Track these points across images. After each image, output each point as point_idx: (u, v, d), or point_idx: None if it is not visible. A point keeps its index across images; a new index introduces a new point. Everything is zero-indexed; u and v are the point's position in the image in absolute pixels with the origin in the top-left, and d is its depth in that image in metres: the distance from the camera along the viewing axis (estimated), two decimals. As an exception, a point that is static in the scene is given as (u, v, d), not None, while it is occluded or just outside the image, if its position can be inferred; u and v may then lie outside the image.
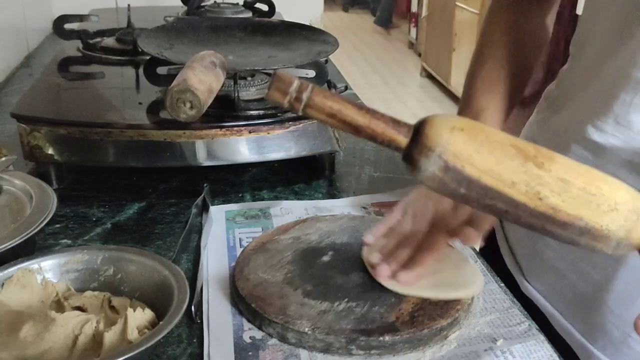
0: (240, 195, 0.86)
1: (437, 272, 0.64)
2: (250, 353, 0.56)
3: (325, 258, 0.67)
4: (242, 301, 0.61)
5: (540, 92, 0.81)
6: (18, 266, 0.60)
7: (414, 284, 0.62)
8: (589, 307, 0.67)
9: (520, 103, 0.83)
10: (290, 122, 0.85)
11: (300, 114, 0.46)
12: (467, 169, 0.44)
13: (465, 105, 0.74)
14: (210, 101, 0.74)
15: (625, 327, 0.66)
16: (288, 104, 0.46)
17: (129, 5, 1.34)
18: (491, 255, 0.81)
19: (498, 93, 0.73)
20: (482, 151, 0.44)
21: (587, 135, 0.66)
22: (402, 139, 0.46)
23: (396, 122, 0.46)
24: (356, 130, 0.47)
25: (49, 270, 0.62)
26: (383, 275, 0.63)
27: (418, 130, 0.45)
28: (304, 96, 0.46)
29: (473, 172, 0.44)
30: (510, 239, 0.81)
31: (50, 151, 0.82)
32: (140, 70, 0.93)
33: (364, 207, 0.82)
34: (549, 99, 0.78)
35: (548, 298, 0.72)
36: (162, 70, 0.89)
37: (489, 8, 0.81)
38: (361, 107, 0.47)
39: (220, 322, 0.60)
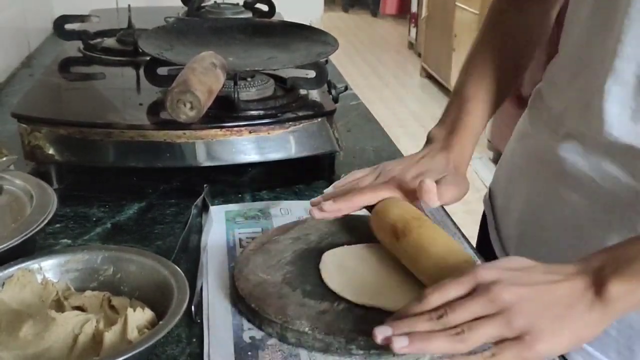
0: (240, 195, 0.86)
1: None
2: (249, 353, 0.56)
3: (325, 258, 0.67)
4: (241, 301, 0.61)
5: (539, 92, 0.82)
6: (18, 266, 0.61)
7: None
8: None
9: (518, 103, 0.84)
10: (290, 122, 0.85)
11: None
12: None
13: (455, 93, 0.80)
14: (210, 102, 0.75)
15: (627, 329, 0.66)
16: None
17: (129, 5, 1.34)
18: (490, 253, 0.81)
19: (486, 85, 0.78)
20: None
21: (574, 127, 0.67)
22: None
23: None
24: None
25: (49, 270, 0.62)
26: (312, 203, 0.68)
27: None
28: None
29: None
30: (503, 237, 0.81)
31: (50, 151, 0.82)
32: (141, 71, 0.93)
33: (363, 207, 0.81)
34: (538, 93, 0.79)
35: None
36: (162, 71, 0.89)
37: (490, 6, 0.83)
38: None
39: (220, 322, 0.60)
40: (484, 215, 0.90)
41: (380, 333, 0.50)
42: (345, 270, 0.64)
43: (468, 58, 0.82)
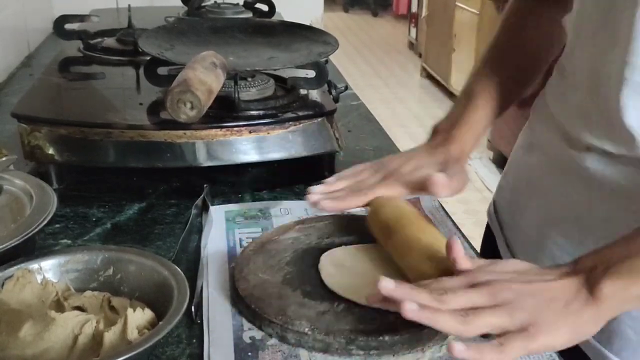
0: (240, 195, 0.86)
1: None
2: (250, 353, 0.56)
3: (325, 258, 0.67)
4: (241, 301, 0.61)
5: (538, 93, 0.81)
6: (18, 266, 0.61)
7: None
8: None
9: (518, 104, 0.83)
10: (290, 122, 0.85)
11: None
12: None
13: (465, 89, 0.80)
14: (210, 102, 0.74)
15: None
16: None
17: (129, 5, 1.34)
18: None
19: (496, 84, 0.78)
20: None
21: (598, 143, 0.66)
22: None
23: None
24: None
25: (48, 270, 0.62)
26: (311, 199, 0.69)
27: None
28: None
29: None
30: (512, 245, 0.80)
31: (50, 151, 0.82)
32: (141, 71, 0.93)
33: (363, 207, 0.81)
34: (544, 104, 0.78)
35: None
36: (162, 70, 0.89)
37: (508, 8, 0.83)
38: None
39: (220, 322, 0.60)
40: (487, 228, 0.90)
41: (385, 282, 0.51)
42: (345, 270, 0.64)
43: (482, 57, 0.82)
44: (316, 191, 0.71)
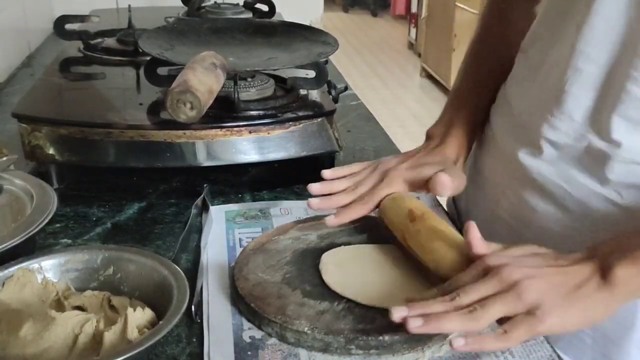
0: (240, 195, 0.86)
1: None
2: (249, 352, 0.56)
3: (325, 258, 0.68)
4: (241, 301, 0.61)
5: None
6: (18, 265, 0.61)
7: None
8: None
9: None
10: (290, 122, 0.85)
11: None
12: None
13: (453, 92, 0.83)
14: (210, 102, 0.75)
15: (602, 337, 0.67)
16: None
17: (129, 5, 1.34)
18: None
19: (481, 84, 0.80)
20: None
21: (540, 133, 0.68)
22: None
23: None
24: None
25: (49, 270, 0.62)
26: (312, 204, 0.69)
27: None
28: None
29: None
30: None
31: (50, 151, 0.82)
32: (141, 71, 0.93)
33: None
34: (503, 95, 0.79)
35: None
36: (162, 71, 0.89)
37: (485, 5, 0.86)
38: None
39: (219, 322, 0.60)
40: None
41: (397, 312, 0.52)
42: (345, 270, 0.65)
43: (465, 58, 0.84)
44: (316, 190, 0.71)
